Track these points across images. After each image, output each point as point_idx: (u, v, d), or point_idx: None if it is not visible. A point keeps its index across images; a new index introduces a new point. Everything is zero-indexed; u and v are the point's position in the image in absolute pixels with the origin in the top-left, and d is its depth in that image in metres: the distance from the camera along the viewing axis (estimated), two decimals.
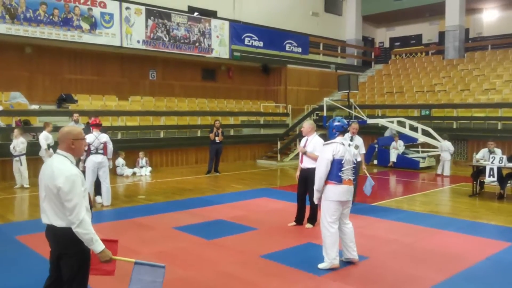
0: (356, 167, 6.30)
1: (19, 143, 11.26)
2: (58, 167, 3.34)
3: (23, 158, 11.30)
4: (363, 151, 9.02)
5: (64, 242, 3.36)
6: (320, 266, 5.49)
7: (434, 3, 22.65)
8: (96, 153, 9.03)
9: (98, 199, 9.47)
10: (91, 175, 9.04)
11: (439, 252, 6.17)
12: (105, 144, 9.12)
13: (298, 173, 7.86)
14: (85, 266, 3.45)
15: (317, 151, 7.28)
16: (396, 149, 16.05)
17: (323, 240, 5.54)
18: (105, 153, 9.14)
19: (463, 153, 17.23)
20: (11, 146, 11.33)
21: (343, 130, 5.62)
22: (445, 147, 14.38)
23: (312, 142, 7.41)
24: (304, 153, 7.42)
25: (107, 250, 3.36)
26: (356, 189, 9.22)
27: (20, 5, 13.32)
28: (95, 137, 9.06)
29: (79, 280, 3.42)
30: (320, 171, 5.49)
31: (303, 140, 7.60)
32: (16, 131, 11.52)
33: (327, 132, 5.77)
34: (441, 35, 24.31)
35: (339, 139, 5.55)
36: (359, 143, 8.84)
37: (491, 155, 10.43)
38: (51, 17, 13.89)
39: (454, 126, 17.43)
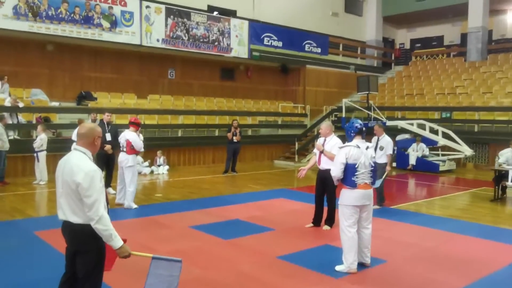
0: (379, 168, 6.19)
1: (37, 140, 11.42)
2: (77, 163, 3.34)
3: (40, 154, 11.45)
4: (389, 151, 8.93)
5: (80, 239, 3.36)
6: (338, 268, 5.42)
7: (457, 4, 22.31)
8: (122, 150, 8.98)
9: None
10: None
11: (460, 257, 6.03)
12: (127, 142, 8.88)
13: (305, 171, 7.54)
14: (101, 263, 3.44)
15: (334, 151, 7.21)
16: (416, 151, 15.79)
17: (342, 244, 5.47)
18: (127, 152, 8.90)
19: (484, 157, 16.91)
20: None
21: (358, 131, 5.52)
22: None
23: (329, 143, 7.32)
24: (322, 151, 7.32)
25: (126, 245, 3.35)
26: (382, 192, 9.11)
27: (43, 3, 13.49)
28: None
29: (94, 278, 3.41)
30: (335, 173, 5.49)
31: (321, 141, 7.50)
32: (38, 127, 11.70)
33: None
34: (463, 36, 23.94)
35: (355, 141, 5.46)
36: (384, 144, 8.77)
37: None
38: (72, 15, 14.04)
39: (476, 130, 17.12)
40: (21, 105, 12.91)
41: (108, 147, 9.72)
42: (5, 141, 11.14)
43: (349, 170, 5.35)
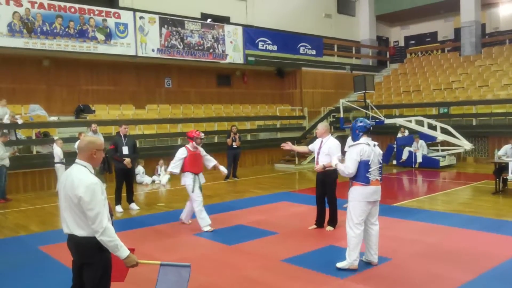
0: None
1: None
2: (78, 176, 3.37)
3: (55, 166, 11.99)
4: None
5: (86, 251, 3.38)
6: (339, 265, 5.51)
7: None
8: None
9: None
10: None
11: (464, 252, 6.05)
12: None
13: (289, 146, 7.65)
14: (107, 274, 3.47)
15: (333, 152, 7.17)
16: (418, 149, 15.79)
17: (347, 241, 5.52)
18: None
19: (484, 150, 16.95)
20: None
21: (366, 130, 5.59)
22: None
23: (326, 144, 7.29)
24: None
25: (132, 255, 3.38)
26: None
27: (37, 19, 13.54)
28: None
29: None
30: (351, 170, 5.44)
31: (317, 142, 7.50)
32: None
33: (351, 134, 5.76)
34: (457, 31, 24.01)
35: (364, 139, 5.53)
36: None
37: None
38: (67, 29, 14.09)
39: (474, 123, 17.16)
40: (20, 121, 12.93)
41: (127, 160, 9.39)
42: (5, 158, 11.18)
43: (363, 167, 5.42)
